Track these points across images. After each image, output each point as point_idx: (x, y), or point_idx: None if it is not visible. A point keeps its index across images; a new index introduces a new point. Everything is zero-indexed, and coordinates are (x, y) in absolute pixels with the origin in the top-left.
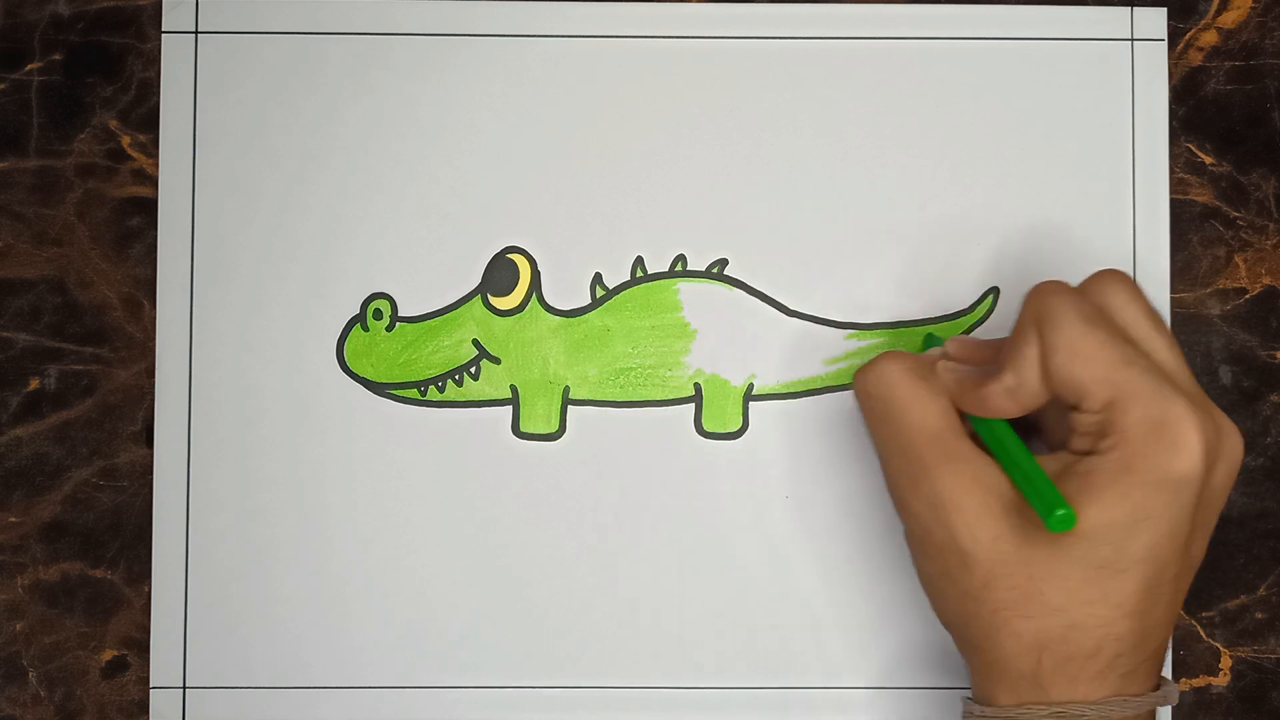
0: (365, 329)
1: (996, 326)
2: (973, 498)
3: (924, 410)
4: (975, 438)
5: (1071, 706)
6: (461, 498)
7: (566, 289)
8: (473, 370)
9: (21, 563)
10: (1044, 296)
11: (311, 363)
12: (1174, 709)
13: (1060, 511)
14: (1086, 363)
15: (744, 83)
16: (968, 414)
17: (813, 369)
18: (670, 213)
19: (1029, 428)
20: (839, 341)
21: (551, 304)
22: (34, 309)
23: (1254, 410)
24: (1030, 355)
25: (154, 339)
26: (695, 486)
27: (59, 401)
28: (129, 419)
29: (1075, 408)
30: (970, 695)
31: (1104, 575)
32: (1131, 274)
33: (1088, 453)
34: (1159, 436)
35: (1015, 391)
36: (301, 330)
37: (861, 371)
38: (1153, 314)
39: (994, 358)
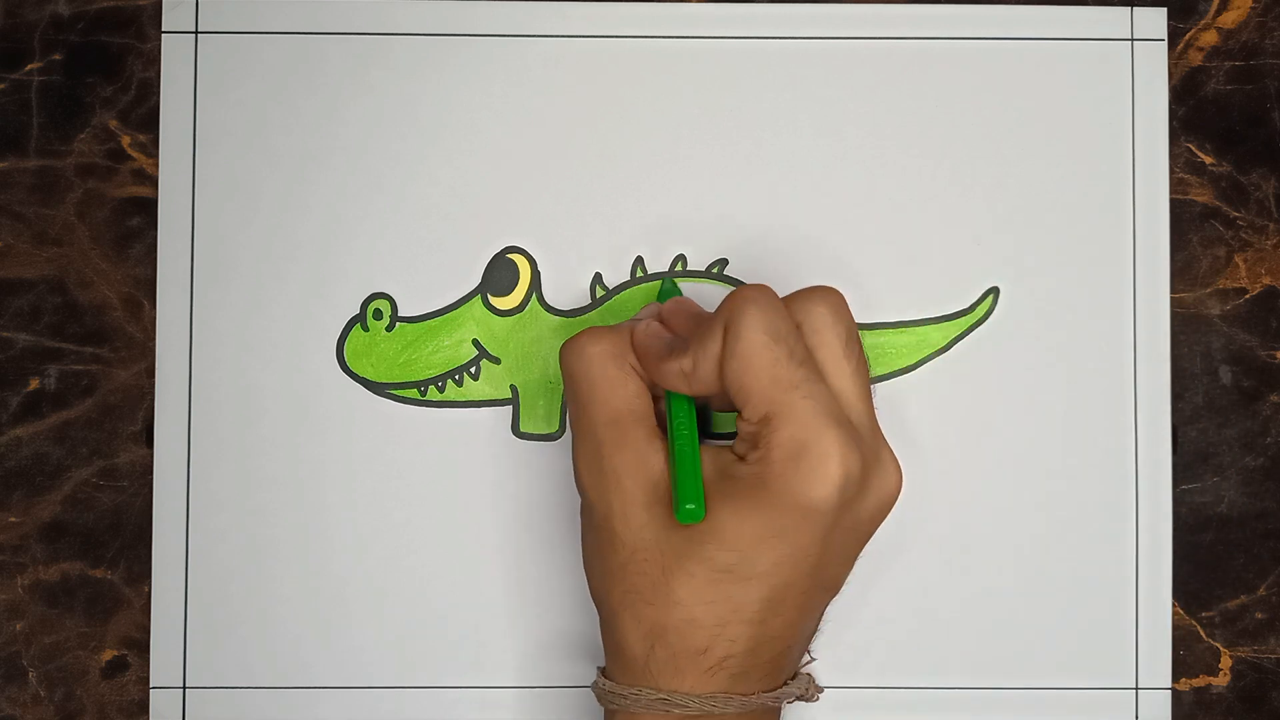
0: (365, 329)
1: (997, 327)
2: (632, 481)
3: (611, 393)
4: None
5: (676, 695)
6: (461, 498)
7: (566, 289)
8: (473, 370)
9: (21, 563)
10: (741, 300)
11: (311, 363)
12: (1174, 709)
13: (689, 506)
14: (755, 376)
15: (744, 83)
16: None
17: None
18: (670, 213)
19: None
20: None
21: (551, 304)
22: (34, 309)
23: (1254, 410)
24: (711, 351)
25: (154, 339)
26: None
27: (59, 401)
28: (129, 419)
29: (740, 413)
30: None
31: (727, 580)
32: (1131, 274)
33: (741, 459)
34: (799, 461)
35: (689, 377)
36: (301, 330)
37: (565, 346)
38: (850, 339)
39: (695, 331)
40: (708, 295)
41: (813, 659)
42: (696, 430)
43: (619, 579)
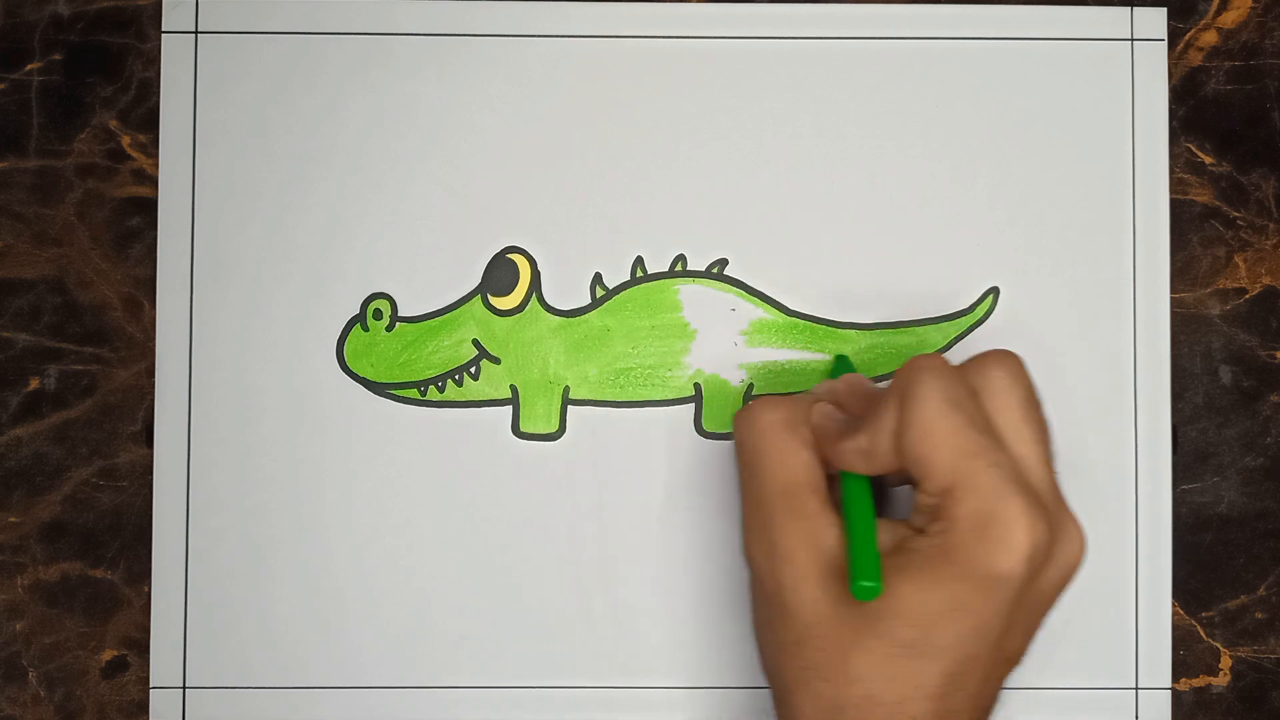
0: (365, 329)
1: (996, 327)
2: (805, 555)
3: (783, 463)
4: (837, 484)
5: None
6: (461, 498)
7: (566, 289)
8: (473, 370)
9: (21, 563)
10: (915, 370)
11: (311, 363)
12: (1174, 709)
13: (866, 582)
14: (935, 446)
15: (744, 83)
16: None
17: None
18: (670, 213)
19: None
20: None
21: (551, 304)
22: (34, 309)
23: (1254, 410)
24: (886, 425)
25: (154, 339)
26: (695, 486)
27: (59, 401)
28: (129, 419)
29: (918, 485)
30: None
31: (908, 655)
32: (1131, 274)
33: (920, 531)
34: (984, 532)
35: (867, 454)
36: (301, 330)
37: (738, 415)
38: (1029, 402)
39: (870, 409)
40: (708, 295)
41: None
42: (872, 503)
43: (794, 655)
